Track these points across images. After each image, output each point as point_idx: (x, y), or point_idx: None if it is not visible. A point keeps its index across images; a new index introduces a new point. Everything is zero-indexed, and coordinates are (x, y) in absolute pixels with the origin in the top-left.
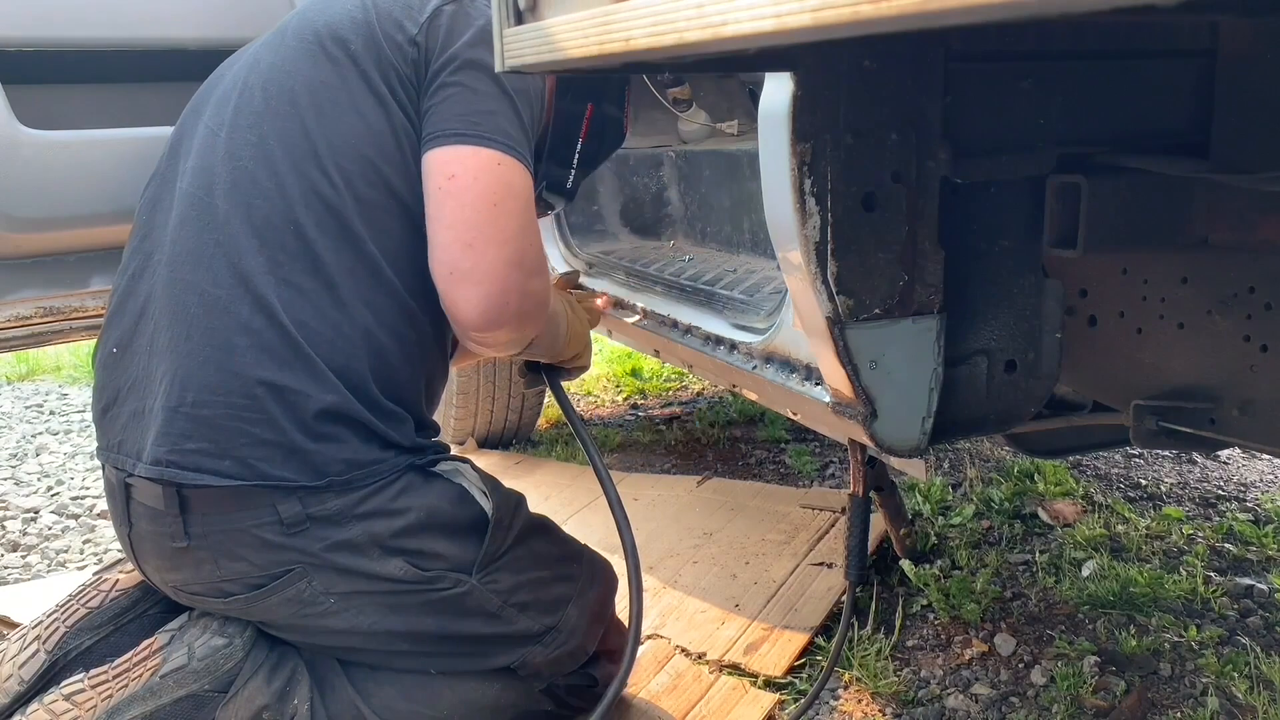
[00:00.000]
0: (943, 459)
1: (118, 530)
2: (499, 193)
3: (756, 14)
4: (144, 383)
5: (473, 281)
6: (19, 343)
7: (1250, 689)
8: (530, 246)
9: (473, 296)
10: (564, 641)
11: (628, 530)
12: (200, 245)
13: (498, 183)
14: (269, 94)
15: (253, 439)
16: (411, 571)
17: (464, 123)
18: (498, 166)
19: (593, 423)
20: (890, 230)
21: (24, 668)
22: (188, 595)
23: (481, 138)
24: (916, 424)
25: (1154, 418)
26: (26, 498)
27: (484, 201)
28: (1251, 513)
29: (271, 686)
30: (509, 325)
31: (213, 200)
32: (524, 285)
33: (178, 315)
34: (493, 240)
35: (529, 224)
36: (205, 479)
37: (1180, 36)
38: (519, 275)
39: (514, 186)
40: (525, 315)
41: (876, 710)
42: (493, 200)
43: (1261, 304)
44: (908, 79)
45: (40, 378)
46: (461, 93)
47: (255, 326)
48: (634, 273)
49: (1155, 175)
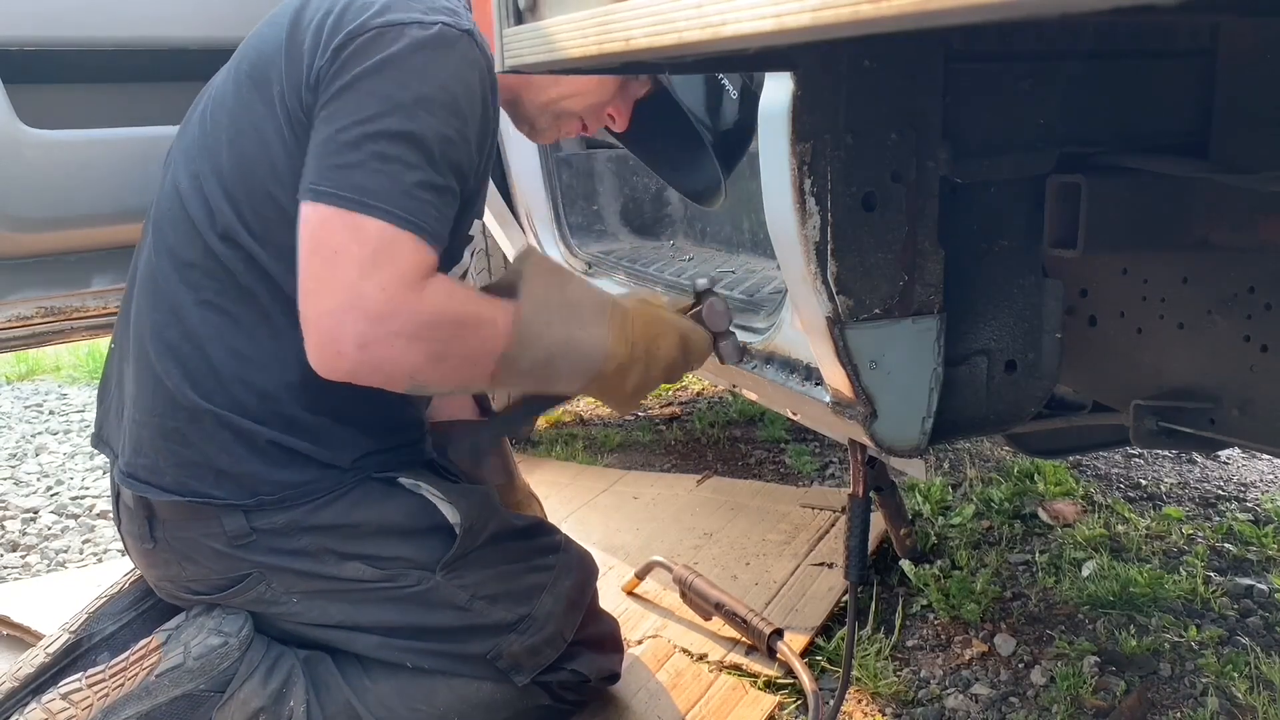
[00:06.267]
0: (943, 459)
1: (115, 524)
2: (346, 246)
3: (756, 14)
4: (120, 384)
5: (312, 327)
6: (19, 343)
7: (1250, 689)
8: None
9: (311, 340)
10: (540, 628)
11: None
12: (148, 269)
13: (349, 237)
14: (204, 122)
15: (182, 459)
16: (371, 571)
17: (331, 179)
18: (352, 225)
19: (593, 423)
20: (890, 230)
21: (50, 646)
22: (166, 592)
23: (346, 199)
24: (916, 424)
25: (1154, 418)
26: (26, 498)
27: (331, 251)
28: (1251, 513)
29: (268, 687)
30: (359, 377)
31: (161, 225)
32: (361, 337)
33: (135, 330)
34: (332, 292)
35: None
36: (150, 492)
37: (1180, 36)
38: (351, 327)
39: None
40: (368, 368)
41: (876, 710)
42: (340, 251)
43: (1261, 304)
44: (908, 79)
45: (40, 378)
46: (339, 140)
47: (184, 352)
48: (634, 273)
49: (1155, 175)
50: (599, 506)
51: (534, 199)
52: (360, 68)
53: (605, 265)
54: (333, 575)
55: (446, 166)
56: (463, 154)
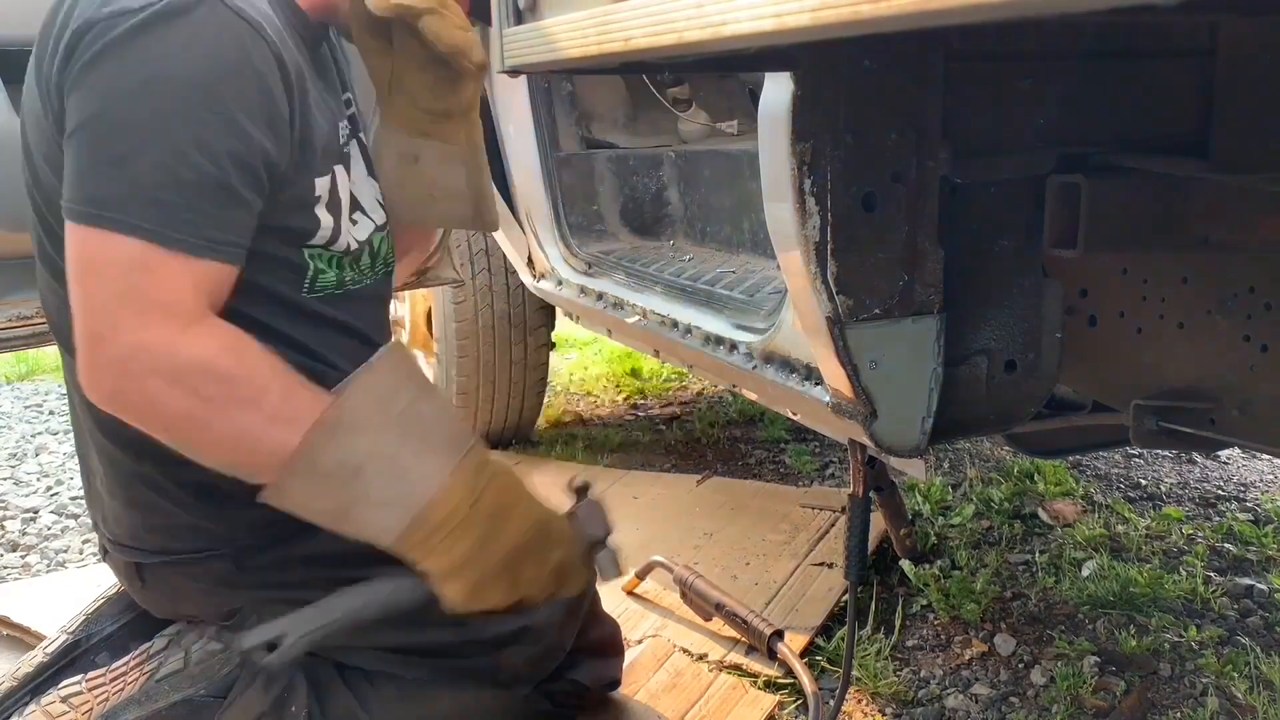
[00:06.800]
0: (943, 459)
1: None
2: (83, 262)
3: (756, 14)
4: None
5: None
6: (19, 343)
7: (1250, 689)
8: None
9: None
10: (539, 639)
11: None
12: None
13: (82, 253)
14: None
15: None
16: None
17: (69, 191)
18: (83, 238)
19: (593, 423)
20: (890, 230)
21: (49, 647)
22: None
23: (75, 213)
24: (916, 424)
25: (1154, 418)
26: (26, 498)
27: (74, 269)
28: (1251, 513)
29: (269, 693)
30: (114, 408)
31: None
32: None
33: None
34: (79, 310)
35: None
36: (138, 556)
37: (1180, 36)
38: (96, 353)
39: (100, 258)
40: (125, 402)
41: (876, 710)
42: (78, 269)
43: (1261, 304)
44: (907, 79)
45: (40, 378)
46: (71, 148)
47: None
48: (634, 272)
49: (1155, 175)
50: None
51: (534, 199)
52: (80, 63)
53: (605, 265)
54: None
55: (207, 155)
56: (229, 133)
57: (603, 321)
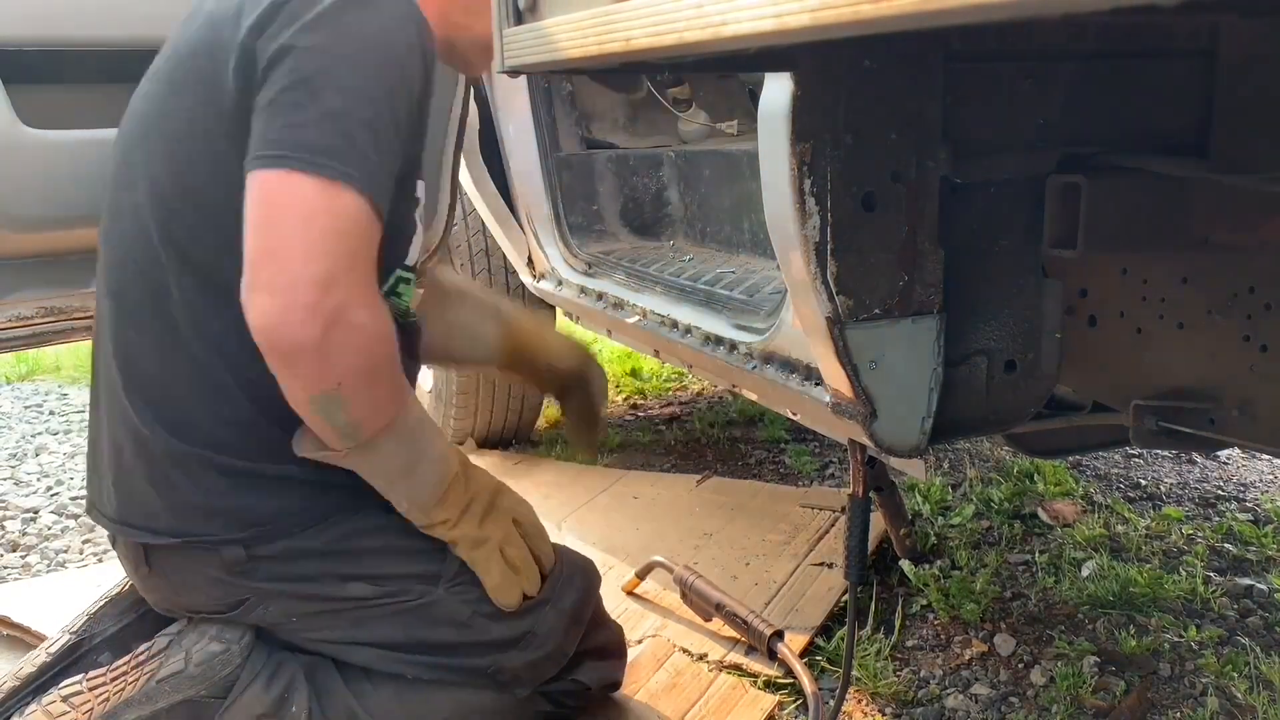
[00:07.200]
0: (943, 459)
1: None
2: (312, 209)
3: (756, 14)
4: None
5: (268, 290)
6: (19, 343)
7: (1250, 689)
8: (345, 274)
9: (264, 305)
10: (541, 644)
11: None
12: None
13: (312, 200)
14: (132, 123)
15: (174, 503)
16: (373, 590)
17: (280, 143)
18: (314, 188)
19: None
20: (890, 230)
21: (51, 646)
22: (164, 609)
23: (301, 160)
24: (916, 424)
25: (1154, 418)
26: (26, 498)
27: (294, 214)
28: (1251, 513)
29: (270, 694)
30: (304, 355)
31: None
32: (327, 311)
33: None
34: (298, 253)
35: (347, 249)
36: (146, 537)
37: (1180, 36)
38: (322, 298)
39: (334, 208)
40: (325, 350)
41: (876, 710)
42: (304, 214)
43: (1261, 304)
44: (907, 79)
45: (40, 378)
46: (283, 101)
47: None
48: (634, 273)
49: (1155, 175)
50: (599, 506)
51: (534, 199)
52: (292, 29)
53: (605, 265)
54: (334, 596)
55: (390, 122)
56: (405, 108)
57: (603, 322)
